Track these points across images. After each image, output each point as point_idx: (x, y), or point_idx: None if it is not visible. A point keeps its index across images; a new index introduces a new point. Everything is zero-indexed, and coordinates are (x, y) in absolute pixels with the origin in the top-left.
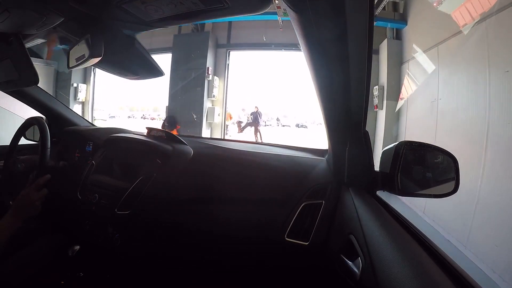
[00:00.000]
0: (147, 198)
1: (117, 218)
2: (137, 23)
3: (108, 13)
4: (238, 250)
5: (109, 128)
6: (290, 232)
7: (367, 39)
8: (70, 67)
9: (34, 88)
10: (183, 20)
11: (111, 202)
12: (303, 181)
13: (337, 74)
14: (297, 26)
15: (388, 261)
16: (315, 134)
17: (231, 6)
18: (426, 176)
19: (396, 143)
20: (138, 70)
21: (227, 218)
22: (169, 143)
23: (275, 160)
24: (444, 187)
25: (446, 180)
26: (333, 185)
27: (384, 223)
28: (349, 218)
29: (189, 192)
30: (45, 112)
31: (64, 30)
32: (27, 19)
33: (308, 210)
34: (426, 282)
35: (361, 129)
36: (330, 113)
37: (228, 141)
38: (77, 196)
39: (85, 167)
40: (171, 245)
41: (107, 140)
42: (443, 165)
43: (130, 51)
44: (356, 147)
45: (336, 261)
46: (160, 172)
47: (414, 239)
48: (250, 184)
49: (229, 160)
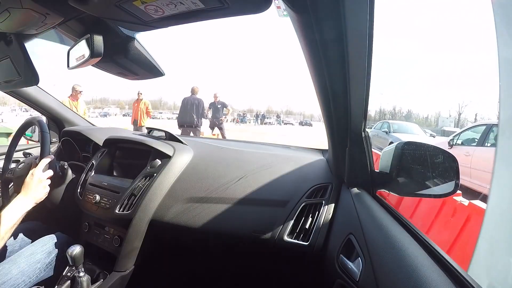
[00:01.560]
0: (147, 198)
1: (117, 218)
2: (137, 23)
3: (108, 13)
4: (238, 250)
5: (109, 128)
6: (290, 232)
7: (367, 39)
8: (70, 67)
9: (34, 88)
10: (183, 20)
11: (111, 202)
12: (303, 181)
13: (337, 75)
14: (297, 26)
15: (388, 261)
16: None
17: (231, 6)
18: (426, 176)
19: (396, 143)
20: (138, 70)
21: (226, 218)
22: (169, 143)
23: (275, 160)
24: (444, 187)
25: (446, 180)
26: (333, 185)
27: (384, 223)
28: (349, 218)
29: (189, 192)
30: (45, 112)
31: (64, 30)
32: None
33: (308, 210)
34: (426, 282)
35: (361, 129)
36: (330, 113)
37: (228, 141)
38: (77, 196)
39: (85, 167)
40: (171, 245)
41: (107, 140)
42: (443, 165)
43: (130, 51)
44: (356, 147)
45: (336, 261)
46: (160, 172)
47: (414, 239)
48: (250, 184)
49: (229, 160)
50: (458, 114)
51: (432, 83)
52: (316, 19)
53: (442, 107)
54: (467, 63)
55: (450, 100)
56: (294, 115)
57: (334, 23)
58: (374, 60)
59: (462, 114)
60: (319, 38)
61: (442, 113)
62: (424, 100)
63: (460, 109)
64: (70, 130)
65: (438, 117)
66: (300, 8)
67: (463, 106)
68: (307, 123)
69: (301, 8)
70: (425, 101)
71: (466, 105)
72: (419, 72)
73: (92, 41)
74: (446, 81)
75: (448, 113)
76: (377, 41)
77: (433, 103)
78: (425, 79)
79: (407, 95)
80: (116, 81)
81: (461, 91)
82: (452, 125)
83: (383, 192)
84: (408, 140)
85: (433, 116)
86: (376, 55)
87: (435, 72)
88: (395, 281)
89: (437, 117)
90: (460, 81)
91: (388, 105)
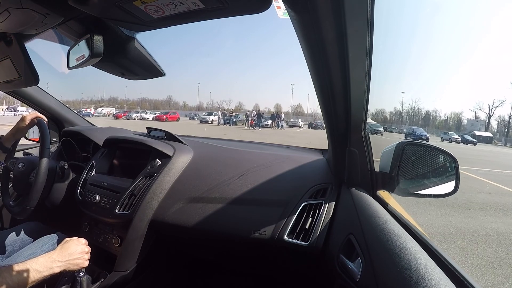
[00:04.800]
0: (147, 198)
1: (117, 218)
2: (137, 23)
3: (108, 13)
4: (238, 250)
5: (109, 128)
6: (290, 232)
7: (367, 39)
8: (70, 67)
9: (34, 88)
10: (183, 20)
11: (111, 202)
12: (303, 181)
13: (337, 75)
14: (297, 26)
15: (388, 261)
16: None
17: (231, 6)
18: (426, 176)
19: (396, 143)
20: (138, 70)
21: (226, 218)
22: (169, 143)
23: (275, 160)
24: (444, 187)
25: (446, 180)
26: (333, 185)
27: (384, 223)
28: (349, 218)
29: (189, 192)
30: (45, 112)
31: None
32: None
33: (308, 210)
34: (426, 282)
35: (361, 129)
36: (330, 113)
37: (228, 141)
38: (77, 196)
39: (85, 167)
40: (171, 245)
41: (107, 140)
42: (443, 165)
43: (130, 51)
44: (356, 147)
45: (336, 261)
46: (160, 172)
47: (414, 239)
48: (250, 184)
49: (229, 160)
50: (488, 116)
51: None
52: (316, 19)
53: (463, 107)
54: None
55: (473, 100)
56: (304, 116)
57: (334, 23)
58: (391, 58)
59: (493, 116)
60: (319, 38)
61: (465, 114)
62: (445, 99)
63: (491, 110)
64: (70, 130)
65: (455, 118)
66: (300, 8)
67: (493, 108)
68: (319, 125)
69: (301, 8)
70: (446, 101)
71: (497, 106)
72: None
73: (92, 41)
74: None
75: (474, 115)
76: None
77: (452, 103)
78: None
79: (428, 93)
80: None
81: (490, 89)
82: (483, 129)
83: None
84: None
85: (450, 118)
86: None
87: (452, 67)
88: (395, 281)
89: (456, 119)
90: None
91: (405, 104)
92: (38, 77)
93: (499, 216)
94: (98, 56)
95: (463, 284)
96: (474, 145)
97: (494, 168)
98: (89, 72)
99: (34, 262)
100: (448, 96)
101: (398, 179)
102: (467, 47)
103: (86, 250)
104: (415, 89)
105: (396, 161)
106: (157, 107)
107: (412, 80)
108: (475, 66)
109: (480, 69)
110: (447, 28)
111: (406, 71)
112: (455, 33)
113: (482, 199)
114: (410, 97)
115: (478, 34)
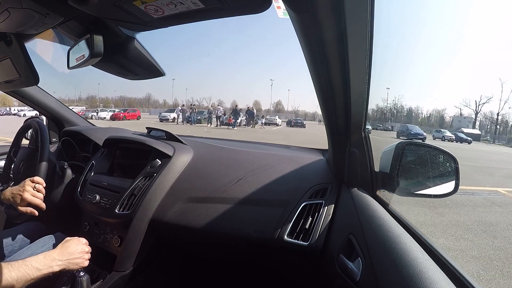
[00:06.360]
0: (147, 198)
1: (117, 218)
2: (137, 23)
3: (108, 13)
4: (238, 250)
5: (109, 128)
6: (290, 232)
7: (367, 39)
8: (70, 67)
9: (34, 88)
10: (183, 20)
11: (111, 202)
12: (303, 181)
13: (337, 75)
14: (297, 26)
15: (388, 261)
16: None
17: (231, 6)
18: (426, 176)
19: (396, 143)
20: (138, 70)
21: (226, 218)
22: (169, 143)
23: (276, 160)
24: (444, 187)
25: (446, 180)
26: (333, 185)
27: (384, 223)
28: (349, 218)
29: (189, 192)
30: (45, 112)
31: (64, 30)
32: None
33: (308, 210)
34: (426, 282)
35: (361, 129)
36: (330, 113)
37: (228, 140)
38: (77, 196)
39: (85, 167)
40: (171, 245)
41: (107, 140)
42: (443, 165)
43: (130, 51)
44: (356, 147)
45: (336, 261)
46: (160, 172)
47: (414, 239)
48: (250, 184)
49: (229, 160)
50: (475, 113)
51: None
52: (316, 19)
53: (445, 104)
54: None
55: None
56: (285, 113)
57: (334, 23)
58: (381, 55)
59: (480, 113)
60: (319, 38)
61: (447, 111)
62: (428, 95)
63: (478, 107)
64: (70, 130)
65: (440, 116)
66: (300, 8)
67: (480, 104)
68: (298, 123)
69: (301, 8)
70: (429, 97)
71: (484, 102)
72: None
73: (92, 41)
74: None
75: (459, 112)
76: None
77: (437, 99)
78: (430, 71)
79: (409, 89)
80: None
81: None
82: (471, 126)
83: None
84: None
85: (433, 115)
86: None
87: (441, 64)
88: (395, 281)
89: (438, 116)
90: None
91: (389, 101)
92: (38, 77)
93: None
94: (98, 56)
95: (463, 284)
96: (469, 143)
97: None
98: (66, 70)
99: (33, 260)
100: (431, 93)
101: (398, 179)
102: (454, 43)
103: (86, 250)
104: (397, 86)
105: (396, 161)
106: (132, 105)
107: (397, 76)
108: (461, 63)
109: (466, 65)
110: (438, 24)
111: (392, 68)
112: (444, 28)
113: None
114: (393, 93)
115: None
